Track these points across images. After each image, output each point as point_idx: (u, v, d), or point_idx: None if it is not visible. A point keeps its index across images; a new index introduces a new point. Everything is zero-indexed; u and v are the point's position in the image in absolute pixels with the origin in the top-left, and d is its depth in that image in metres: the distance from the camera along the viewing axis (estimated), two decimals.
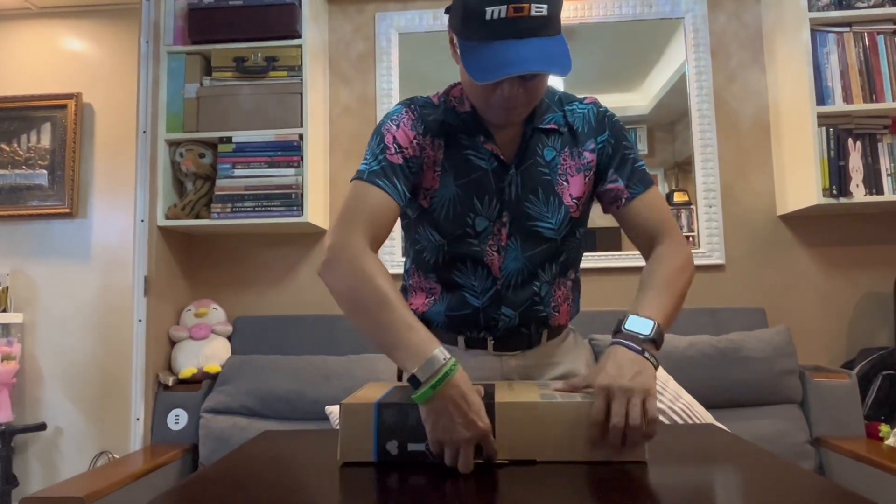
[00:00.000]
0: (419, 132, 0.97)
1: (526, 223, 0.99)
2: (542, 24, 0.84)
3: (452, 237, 0.98)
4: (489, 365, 1.03)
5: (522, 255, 0.99)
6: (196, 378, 2.06)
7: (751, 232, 2.23)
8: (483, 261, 0.99)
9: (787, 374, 1.91)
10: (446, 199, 0.98)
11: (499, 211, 0.98)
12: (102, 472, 1.69)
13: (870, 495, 1.64)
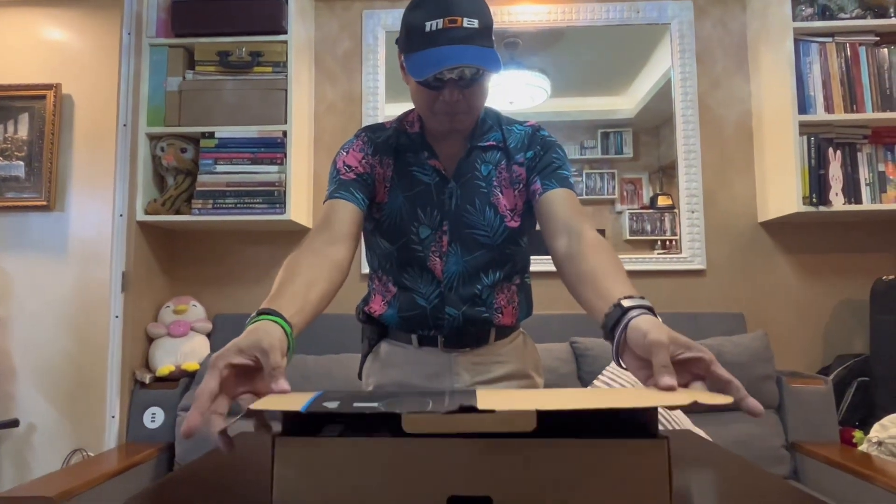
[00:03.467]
0: (368, 153, 1.10)
1: (464, 231, 1.08)
2: (474, 34, 0.96)
3: (400, 244, 1.09)
4: (439, 360, 1.12)
5: (462, 260, 1.09)
6: (173, 376, 2.03)
7: (732, 238, 2.25)
8: (427, 265, 1.09)
9: (764, 380, 1.93)
10: (394, 210, 1.09)
11: (440, 220, 1.08)
12: (75, 471, 1.67)
13: (843, 500, 1.67)
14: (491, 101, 1.11)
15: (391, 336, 1.17)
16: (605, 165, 2.34)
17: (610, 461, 0.61)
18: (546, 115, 2.35)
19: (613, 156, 2.34)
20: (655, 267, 2.23)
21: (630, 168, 2.34)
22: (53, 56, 2.46)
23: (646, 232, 2.29)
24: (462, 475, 0.61)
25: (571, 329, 2.08)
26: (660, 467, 0.61)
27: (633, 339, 0.73)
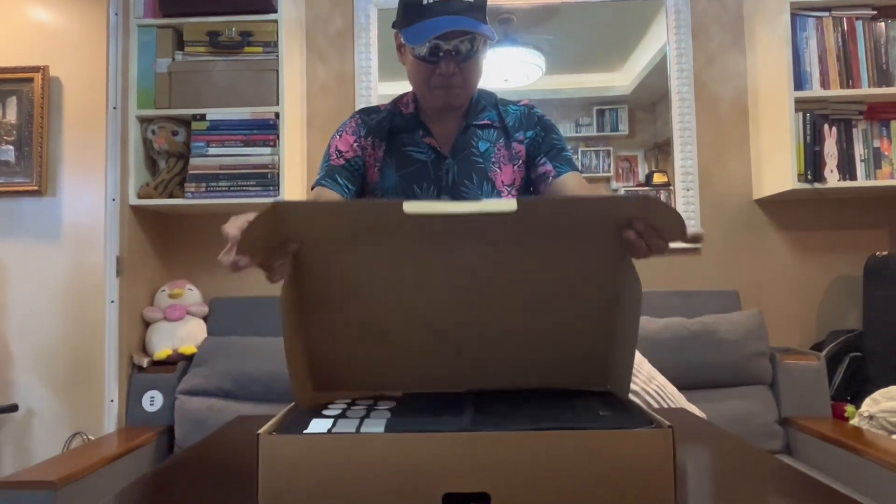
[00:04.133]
0: (361, 135, 1.14)
1: None
2: (469, 7, 1.01)
3: None
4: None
5: None
6: (171, 359, 2.04)
7: (727, 215, 2.25)
8: None
9: (758, 357, 1.95)
10: (389, 188, 1.12)
11: (437, 195, 1.11)
12: (75, 455, 1.68)
13: (835, 473, 1.70)
14: (485, 79, 1.12)
15: None
16: (601, 143, 2.33)
17: (612, 453, 0.61)
18: (541, 93, 2.33)
19: (609, 133, 2.33)
20: None
21: (626, 145, 2.33)
22: (40, 38, 2.41)
23: None
24: (458, 471, 0.61)
25: None
26: (664, 458, 0.61)
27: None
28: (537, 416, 0.67)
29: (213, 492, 0.71)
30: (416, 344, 0.79)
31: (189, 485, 0.75)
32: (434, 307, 0.75)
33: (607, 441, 0.62)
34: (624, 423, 0.64)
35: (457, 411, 0.71)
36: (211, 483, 0.75)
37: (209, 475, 0.77)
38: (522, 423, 0.64)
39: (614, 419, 0.66)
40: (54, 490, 1.41)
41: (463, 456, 0.61)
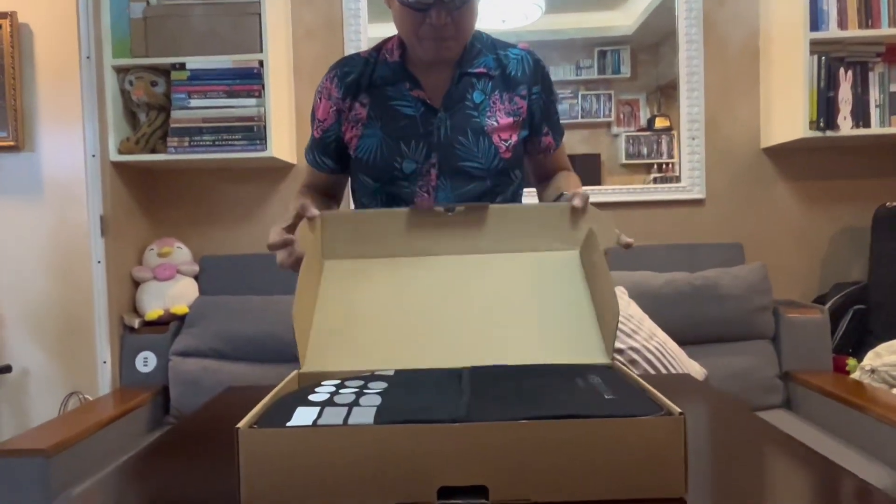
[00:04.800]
0: (337, 98, 1.05)
1: (455, 163, 1.02)
2: None
3: (383, 181, 1.03)
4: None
5: (453, 195, 1.03)
6: (163, 320, 2.00)
7: (733, 165, 2.17)
8: (414, 202, 1.04)
9: (761, 311, 1.92)
10: (373, 146, 1.03)
11: (426, 153, 1.02)
12: (69, 420, 1.66)
13: (833, 428, 1.70)
14: (482, 21, 1.02)
15: None
16: (602, 86, 2.23)
17: (620, 442, 0.57)
18: (540, 34, 2.21)
19: (610, 76, 2.22)
20: (653, 197, 2.16)
21: (627, 88, 2.22)
22: None
23: (642, 155, 2.21)
24: (453, 464, 0.57)
25: None
26: (675, 446, 0.57)
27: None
28: (538, 400, 0.63)
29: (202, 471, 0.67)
30: (409, 327, 0.84)
31: (177, 464, 0.71)
32: (424, 302, 0.86)
33: (615, 429, 0.57)
34: (632, 409, 0.59)
35: (452, 394, 0.66)
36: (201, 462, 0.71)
37: (200, 454, 0.74)
38: (522, 410, 0.59)
39: (621, 404, 0.61)
40: (47, 458, 1.39)
41: (458, 448, 0.57)
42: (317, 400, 0.66)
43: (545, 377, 0.72)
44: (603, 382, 0.69)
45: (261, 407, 0.64)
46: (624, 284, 1.91)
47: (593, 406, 0.60)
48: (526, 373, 0.74)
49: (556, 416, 0.58)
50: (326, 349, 0.86)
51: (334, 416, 0.60)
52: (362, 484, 0.57)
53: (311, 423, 0.58)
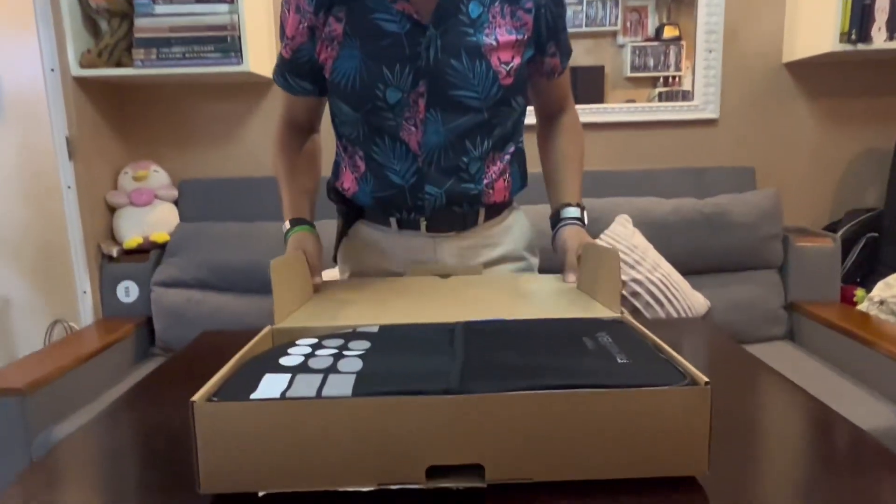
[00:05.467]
0: (309, 10, 0.88)
1: (447, 92, 0.88)
2: None
3: (365, 111, 0.90)
4: (423, 246, 0.99)
5: (444, 128, 0.90)
6: (143, 248, 1.90)
7: (750, 82, 2.01)
8: (400, 136, 0.91)
9: (770, 240, 1.83)
10: (351, 70, 0.88)
11: (413, 80, 0.87)
12: (51, 354, 1.60)
13: (836, 361, 1.65)
14: None
15: (367, 217, 1.02)
16: None
17: (638, 414, 0.49)
18: None
19: None
20: (662, 117, 2.02)
21: None
22: None
23: (648, 68, 2.04)
24: (444, 441, 0.49)
25: None
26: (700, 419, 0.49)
27: (557, 244, 0.98)
28: (541, 366, 0.54)
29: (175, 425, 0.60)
30: (399, 294, 0.82)
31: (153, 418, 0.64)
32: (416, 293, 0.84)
33: (631, 401, 0.49)
34: (650, 377, 0.51)
35: (443, 356, 0.57)
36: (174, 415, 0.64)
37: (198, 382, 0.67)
38: (523, 379, 0.51)
39: (637, 370, 0.53)
40: (23, 396, 1.34)
41: (450, 423, 0.48)
42: (288, 364, 0.57)
43: (548, 336, 0.63)
44: (614, 342, 0.60)
45: (224, 373, 0.55)
46: (629, 212, 1.80)
47: (605, 373, 0.52)
48: (526, 329, 0.65)
49: (562, 387, 0.49)
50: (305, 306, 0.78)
51: (306, 387, 0.51)
52: (339, 463, 0.49)
53: (278, 396, 0.49)
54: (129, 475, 0.56)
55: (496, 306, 0.78)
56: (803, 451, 0.57)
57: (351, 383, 0.51)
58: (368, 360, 0.57)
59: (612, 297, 0.74)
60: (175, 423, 0.48)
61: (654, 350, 0.58)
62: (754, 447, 0.53)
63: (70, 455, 0.60)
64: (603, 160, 2.02)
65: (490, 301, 0.80)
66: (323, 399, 0.49)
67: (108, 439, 0.64)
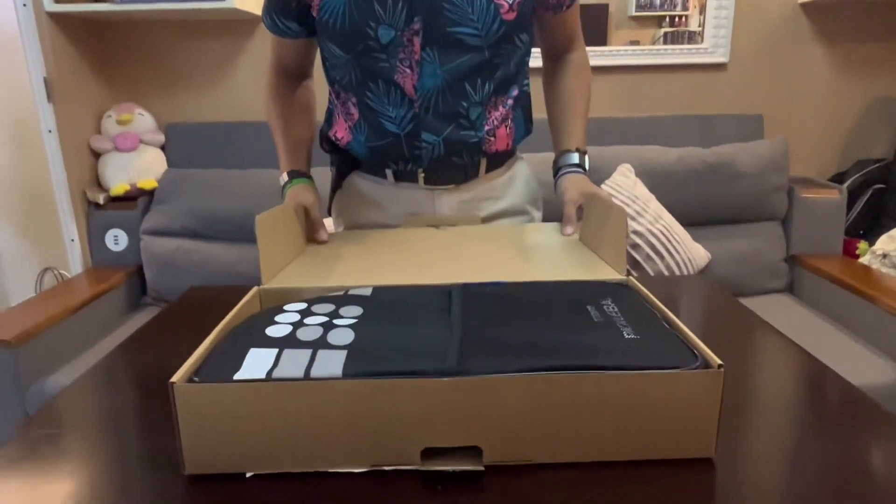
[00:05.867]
0: None
1: (444, 30, 0.82)
2: None
3: (355, 52, 0.84)
4: (421, 200, 0.95)
5: (441, 70, 0.84)
6: (130, 195, 1.85)
7: (763, 24, 1.91)
8: (394, 79, 0.85)
9: (775, 191, 1.78)
10: (339, 6, 0.81)
11: (407, 16, 0.80)
12: (41, 304, 1.57)
13: (836, 315, 1.64)
14: None
15: (362, 169, 0.97)
16: None
17: (646, 397, 0.46)
18: None
19: None
20: (669, 61, 1.93)
21: None
22: None
23: (654, 6, 1.93)
24: (440, 423, 0.46)
25: None
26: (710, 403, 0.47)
27: (558, 191, 0.94)
28: (543, 342, 0.51)
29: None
30: (393, 252, 0.78)
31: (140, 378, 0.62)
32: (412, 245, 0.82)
33: (639, 384, 0.46)
34: (660, 357, 0.48)
35: (439, 327, 0.54)
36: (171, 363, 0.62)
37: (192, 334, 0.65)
38: (524, 358, 0.48)
39: (646, 348, 0.50)
40: (13, 348, 1.32)
41: (447, 406, 0.46)
42: (275, 336, 0.53)
43: (550, 304, 0.60)
44: (620, 312, 0.57)
45: (207, 345, 0.52)
46: (631, 161, 1.75)
47: (612, 352, 0.49)
48: (527, 296, 0.62)
49: (566, 368, 0.46)
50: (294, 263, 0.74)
51: (294, 365, 0.48)
52: (330, 445, 0.47)
53: (264, 376, 0.46)
54: (127, 427, 0.54)
55: (495, 264, 0.74)
56: (795, 409, 0.56)
57: (341, 361, 0.48)
58: (360, 330, 0.54)
59: (618, 257, 0.70)
60: (169, 373, 0.46)
61: (663, 323, 0.55)
62: (745, 406, 0.51)
63: (67, 409, 0.59)
64: (605, 106, 1.95)
65: (489, 257, 0.77)
66: (311, 380, 0.46)
67: (103, 393, 0.62)
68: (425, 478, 0.47)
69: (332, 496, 0.45)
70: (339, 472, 0.47)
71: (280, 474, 0.47)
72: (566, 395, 0.46)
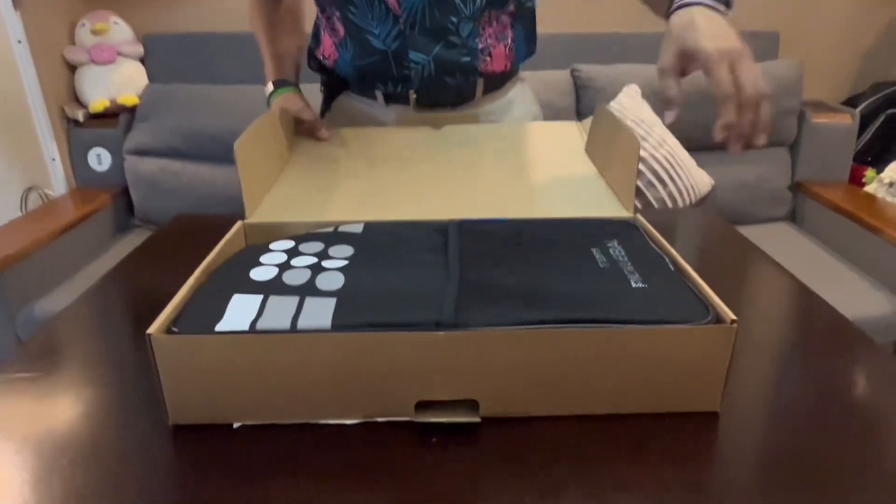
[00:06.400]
0: None
1: None
2: None
3: None
4: (413, 123, 0.89)
5: None
6: (110, 111, 1.76)
7: None
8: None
9: (786, 115, 1.71)
10: None
11: None
12: (26, 226, 1.53)
13: (835, 243, 1.62)
14: None
15: (352, 89, 0.91)
16: None
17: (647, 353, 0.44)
18: None
19: None
20: None
21: None
22: None
23: None
24: (436, 376, 0.44)
25: (574, 54, 1.76)
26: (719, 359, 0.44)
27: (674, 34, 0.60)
28: (546, 287, 0.48)
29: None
30: (385, 178, 0.72)
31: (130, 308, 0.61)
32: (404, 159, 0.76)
33: (647, 339, 0.43)
34: (669, 311, 0.45)
35: (434, 271, 0.51)
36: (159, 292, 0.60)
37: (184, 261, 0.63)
38: (525, 307, 0.45)
39: (654, 299, 0.46)
40: None
41: (442, 359, 0.43)
42: (260, 279, 0.50)
43: (553, 246, 0.56)
44: (627, 256, 0.54)
45: (186, 290, 0.48)
46: (637, 81, 1.66)
47: (619, 305, 0.46)
48: (528, 235, 0.58)
49: (569, 321, 0.43)
50: (280, 195, 0.69)
51: (279, 315, 0.44)
52: (319, 397, 0.45)
53: (247, 327, 0.43)
54: (110, 368, 0.52)
55: (495, 190, 0.70)
56: (783, 342, 0.56)
57: (330, 311, 0.44)
58: (351, 274, 0.50)
59: (627, 189, 0.66)
60: (162, 297, 0.44)
61: (672, 269, 0.52)
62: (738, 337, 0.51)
63: (62, 333, 0.58)
64: (612, 22, 1.83)
65: (488, 181, 0.72)
66: (298, 333, 0.42)
67: (88, 328, 0.60)
68: (419, 429, 0.45)
69: (322, 446, 0.43)
70: (330, 424, 0.46)
71: (269, 424, 0.45)
72: (569, 350, 0.43)
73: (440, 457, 0.42)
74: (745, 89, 0.56)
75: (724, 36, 0.57)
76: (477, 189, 0.70)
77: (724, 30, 0.58)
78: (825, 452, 0.43)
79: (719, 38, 0.57)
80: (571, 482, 0.40)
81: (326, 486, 0.40)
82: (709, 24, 0.58)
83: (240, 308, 0.45)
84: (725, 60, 0.56)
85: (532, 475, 0.40)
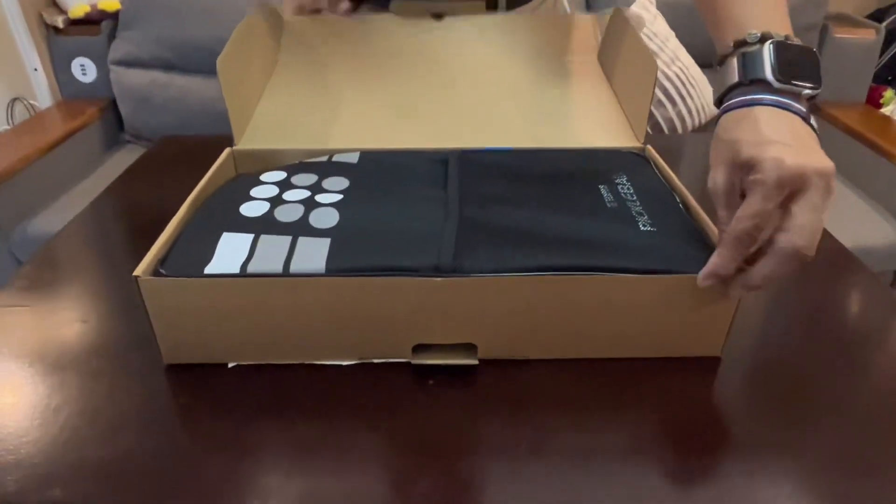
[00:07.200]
0: None
1: None
2: None
3: None
4: (415, 12, 0.81)
5: None
6: (91, 17, 1.65)
7: None
8: None
9: (807, 30, 1.61)
10: None
11: None
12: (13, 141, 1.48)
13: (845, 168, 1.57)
14: None
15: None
16: None
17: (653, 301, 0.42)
18: None
19: None
20: None
21: None
22: None
23: None
24: (434, 321, 0.43)
25: None
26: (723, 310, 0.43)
27: (723, 138, 0.42)
28: (549, 229, 0.46)
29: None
30: (381, 98, 0.67)
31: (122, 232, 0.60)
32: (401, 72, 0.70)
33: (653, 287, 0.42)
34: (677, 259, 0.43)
35: (433, 207, 0.49)
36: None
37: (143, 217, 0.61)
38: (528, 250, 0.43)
39: (662, 244, 0.44)
40: None
41: (440, 304, 0.42)
42: (251, 215, 0.48)
43: (558, 181, 0.54)
44: (634, 193, 0.52)
45: (173, 227, 0.46)
46: None
47: (624, 250, 0.44)
48: (532, 168, 0.55)
49: (573, 269, 0.42)
50: (269, 113, 0.65)
51: (272, 256, 0.43)
52: (314, 339, 0.44)
53: (238, 270, 0.42)
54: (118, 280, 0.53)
55: (501, 107, 0.65)
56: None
57: (325, 252, 0.42)
58: (346, 210, 0.48)
59: (640, 117, 0.62)
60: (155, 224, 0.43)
61: (682, 210, 0.49)
62: None
63: (58, 257, 0.58)
64: None
65: (493, 96, 0.67)
66: (291, 276, 0.41)
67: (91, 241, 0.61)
68: (416, 371, 0.44)
69: (318, 386, 0.43)
70: (325, 364, 0.45)
71: (263, 364, 0.45)
72: (570, 296, 0.42)
73: (437, 399, 0.42)
74: (790, 240, 0.37)
75: (803, 148, 0.37)
76: (480, 106, 0.66)
77: (803, 139, 0.39)
78: (818, 386, 0.43)
79: (794, 150, 0.37)
80: (569, 425, 0.40)
81: (321, 424, 0.40)
82: (778, 127, 0.39)
83: (230, 248, 0.43)
84: (787, 187, 0.37)
85: (529, 418, 0.40)
